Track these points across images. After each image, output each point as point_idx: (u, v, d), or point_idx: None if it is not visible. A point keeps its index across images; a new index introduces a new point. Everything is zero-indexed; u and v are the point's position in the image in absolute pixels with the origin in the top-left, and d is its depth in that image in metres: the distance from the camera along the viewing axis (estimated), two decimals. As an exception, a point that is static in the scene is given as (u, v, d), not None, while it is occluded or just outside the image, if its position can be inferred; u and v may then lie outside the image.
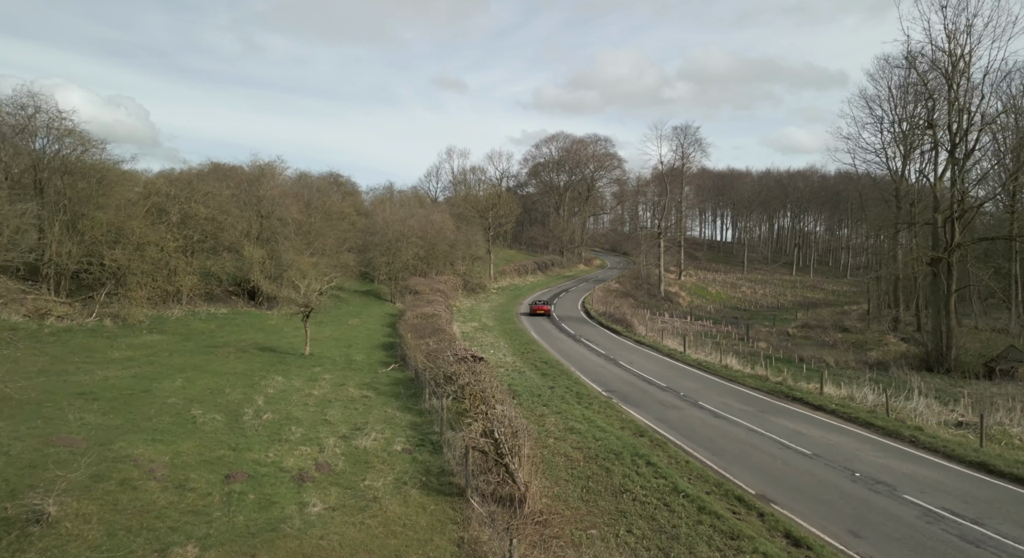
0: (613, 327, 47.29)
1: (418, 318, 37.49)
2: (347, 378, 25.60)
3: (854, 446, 18.77)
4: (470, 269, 72.22)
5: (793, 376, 34.91)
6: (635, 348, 38.71)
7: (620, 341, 41.62)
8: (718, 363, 32.59)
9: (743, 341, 53.69)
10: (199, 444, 16.32)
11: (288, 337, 33.90)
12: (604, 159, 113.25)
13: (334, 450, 16.77)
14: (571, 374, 29.55)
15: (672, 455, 17.59)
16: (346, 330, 38.48)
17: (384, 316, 45.31)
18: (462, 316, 52.26)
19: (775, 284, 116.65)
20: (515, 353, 35.48)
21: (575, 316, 55.51)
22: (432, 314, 38.25)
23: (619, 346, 39.30)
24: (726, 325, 68.32)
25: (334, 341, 34.52)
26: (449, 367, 22.34)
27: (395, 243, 52.14)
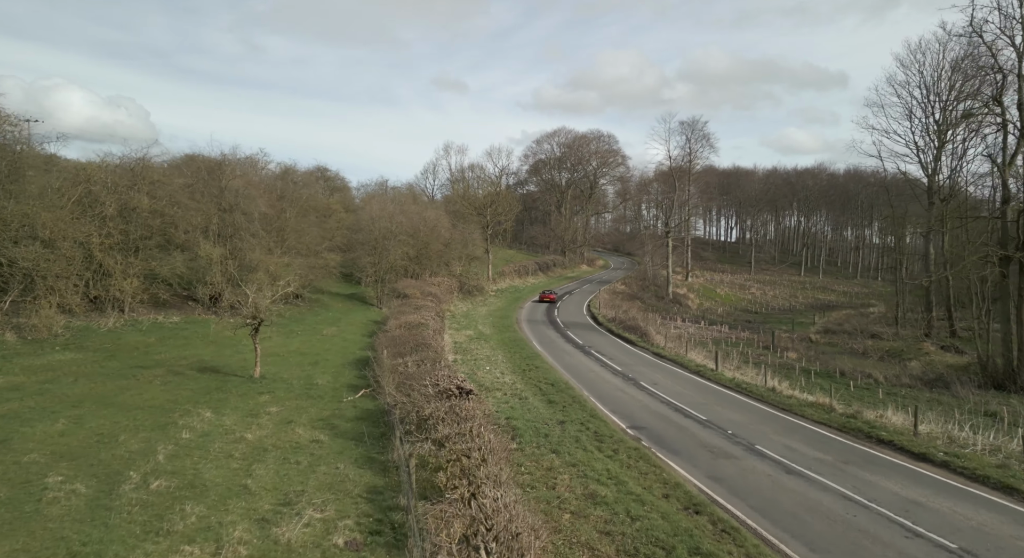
0: (626, 336, 41.20)
1: (401, 328, 31.44)
2: (299, 411, 19.53)
3: (1013, 532, 12.71)
4: (467, 270, 66.17)
5: (843, 396, 28.88)
6: (655, 363, 32.64)
7: (636, 354, 35.54)
8: (762, 385, 26.49)
9: (769, 350, 47.62)
10: (21, 547, 10.27)
11: (243, 352, 27.82)
12: (607, 156, 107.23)
13: (237, 552, 10.72)
14: (584, 401, 23.46)
15: (752, 556, 11.49)
16: (317, 342, 32.42)
17: (366, 324, 39.23)
18: (456, 322, 46.22)
19: (784, 285, 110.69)
20: (515, 370, 29.42)
21: (582, 322, 49.44)
22: (418, 323, 32.18)
23: (636, 360, 33.23)
24: (742, 330, 62.27)
25: (299, 357, 28.45)
26: (426, 404, 16.25)
27: (382, 241, 46.10)
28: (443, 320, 40.79)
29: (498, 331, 42.60)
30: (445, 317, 47.15)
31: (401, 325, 31.98)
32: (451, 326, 43.84)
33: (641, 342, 38.57)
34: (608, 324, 47.50)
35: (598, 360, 32.71)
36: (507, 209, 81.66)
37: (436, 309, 41.26)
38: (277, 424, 18.20)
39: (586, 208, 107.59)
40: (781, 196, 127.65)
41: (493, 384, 26.09)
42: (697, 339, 50.16)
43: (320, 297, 45.24)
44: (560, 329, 44.91)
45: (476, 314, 51.74)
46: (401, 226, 48.93)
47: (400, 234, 47.76)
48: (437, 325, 35.12)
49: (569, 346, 37.27)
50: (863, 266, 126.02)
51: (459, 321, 46.87)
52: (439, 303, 45.68)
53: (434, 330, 32.44)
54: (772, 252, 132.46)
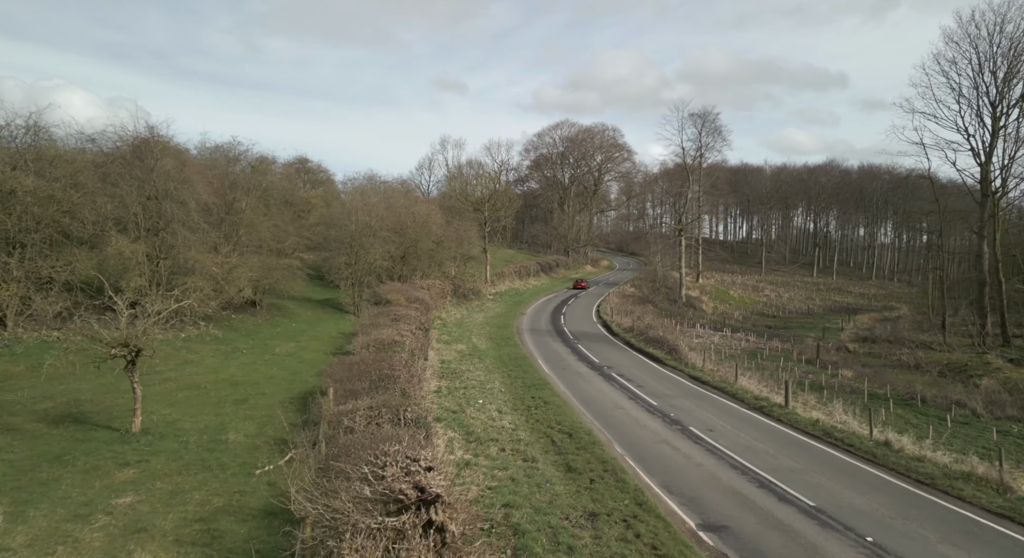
0: (649, 351, 33.31)
1: (368, 349, 23.60)
2: (174, 499, 11.76)
3: None
4: (462, 271, 58.34)
5: (954, 439, 21.08)
6: (699, 393, 24.74)
7: (669, 378, 27.65)
8: (861, 433, 18.56)
9: (814, 366, 39.74)
10: None
11: (152, 385, 19.90)
12: (612, 150, 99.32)
13: None
14: (620, 467, 15.53)
15: None
16: (262, 365, 24.57)
17: (335, 338, 31.40)
18: (448, 333, 38.40)
19: (798, 286, 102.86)
20: (517, 405, 21.58)
21: (593, 332, 41.56)
22: (391, 341, 24.32)
23: (672, 388, 25.34)
24: (770, 337, 54.45)
25: (226, 390, 20.62)
26: (352, 530, 8.35)
27: (359, 238, 38.22)
28: (429, 333, 32.94)
29: (496, 345, 34.77)
30: (434, 327, 39.33)
31: (369, 344, 24.13)
32: (440, 339, 36.02)
33: (670, 360, 30.68)
34: (624, 335, 39.63)
35: (624, 388, 24.83)
36: (506, 205, 73.81)
37: (421, 319, 33.43)
38: (115, 536, 10.39)
39: (590, 205, 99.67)
40: (792, 194, 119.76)
41: (486, 432, 18.26)
42: (726, 351, 42.32)
43: (285, 304, 37.38)
44: (569, 341, 37.06)
45: (471, 322, 43.89)
46: (383, 221, 41.05)
47: (382, 230, 39.88)
48: (418, 341, 27.24)
49: (583, 366, 29.41)
50: (877, 266, 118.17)
51: (451, 331, 39.02)
52: (426, 311, 37.84)
53: (412, 350, 24.57)
54: (783, 252, 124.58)
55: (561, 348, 34.57)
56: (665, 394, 23.83)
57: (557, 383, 25.40)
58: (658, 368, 29.43)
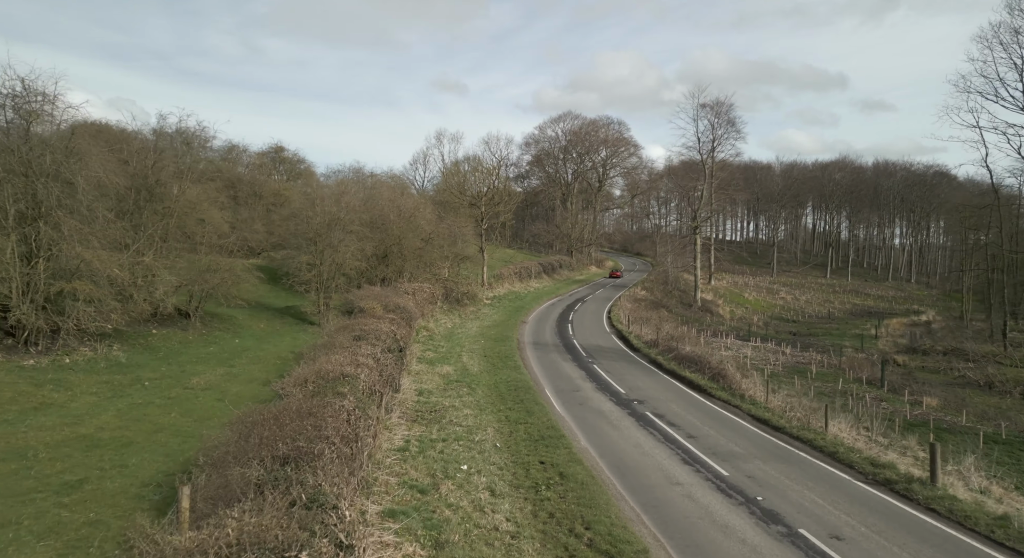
0: (687, 376, 25.56)
1: (304, 386, 15.95)
2: None
3: None
4: (455, 273, 50.73)
5: None
6: (776, 447, 16.99)
7: (722, 416, 19.93)
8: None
9: (878, 388, 32.08)
10: None
11: None
12: (618, 145, 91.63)
13: None
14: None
15: None
16: (156, 410, 16.90)
17: (284, 361, 23.69)
18: (433, 348, 30.78)
19: (813, 288, 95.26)
20: (518, 480, 13.92)
21: (609, 346, 33.91)
22: (340, 375, 16.59)
23: (736, 438, 17.62)
24: (804, 348, 46.82)
25: (78, 455, 13.00)
26: None
27: (325, 233, 30.51)
28: (406, 353, 25.22)
29: (492, 365, 27.10)
30: (417, 341, 31.66)
31: (307, 379, 16.43)
32: (423, 357, 28.37)
33: (718, 390, 22.96)
34: (648, 350, 31.97)
35: (670, 441, 17.13)
36: (505, 200, 66.12)
37: (398, 334, 25.78)
38: None
39: (594, 203, 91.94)
40: (804, 192, 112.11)
41: (468, 540, 10.64)
42: (767, 368, 34.66)
43: (233, 314, 29.70)
44: (582, 359, 29.40)
45: (464, 333, 36.25)
46: (357, 213, 33.36)
47: (355, 224, 32.17)
48: (385, 370, 19.55)
49: (606, 399, 21.72)
50: (892, 267, 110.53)
51: (437, 346, 31.38)
52: (407, 322, 30.20)
53: (370, 388, 16.90)
54: (794, 252, 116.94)
55: (573, 370, 26.90)
56: (732, 452, 16.12)
57: (575, 431, 17.72)
58: (705, 403, 21.70)
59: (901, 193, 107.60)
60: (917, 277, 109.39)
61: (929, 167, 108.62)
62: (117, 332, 22.94)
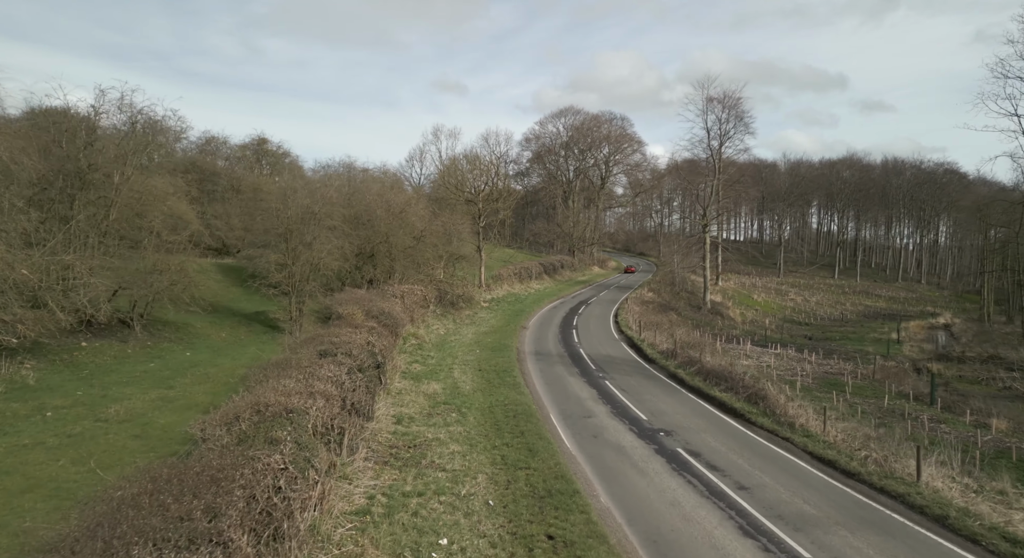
0: (717, 396, 21.32)
1: (237, 425, 11.72)
2: None
3: None
4: (450, 274, 46.58)
5: None
6: (861, 505, 12.77)
7: (775, 455, 15.72)
8: None
9: (928, 406, 27.86)
10: None
11: None
12: (621, 141, 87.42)
13: None
14: None
15: None
16: (44, 455, 12.73)
17: (238, 378, 19.51)
18: (421, 360, 26.63)
19: (822, 289, 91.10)
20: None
21: (620, 357, 29.72)
22: (282, 411, 12.33)
23: (801, 489, 13.42)
24: (828, 355, 42.67)
25: None
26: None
27: (297, 228, 26.31)
28: (384, 371, 20.99)
29: (487, 382, 22.91)
30: (404, 352, 27.51)
31: (241, 416, 12.18)
32: (408, 371, 24.22)
33: (759, 416, 18.72)
34: (664, 362, 27.77)
35: (717, 495, 12.94)
36: (504, 197, 61.93)
37: (378, 345, 21.62)
38: None
39: (597, 201, 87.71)
40: (811, 190, 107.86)
41: None
42: (797, 381, 30.46)
43: (190, 322, 25.52)
44: (591, 374, 25.21)
45: (457, 342, 32.09)
46: (335, 206, 29.18)
47: (332, 218, 27.98)
48: (354, 400, 15.37)
49: (625, 430, 17.50)
50: (902, 267, 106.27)
51: (426, 358, 27.21)
52: (391, 331, 26.08)
53: (330, 420, 12.75)
54: (801, 252, 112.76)
55: (582, 387, 22.71)
56: (803, 515, 11.92)
57: (591, 480, 13.52)
58: (747, 433, 17.48)
59: (911, 191, 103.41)
60: (927, 277, 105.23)
61: (940, 164, 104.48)
62: (37, 345, 18.80)
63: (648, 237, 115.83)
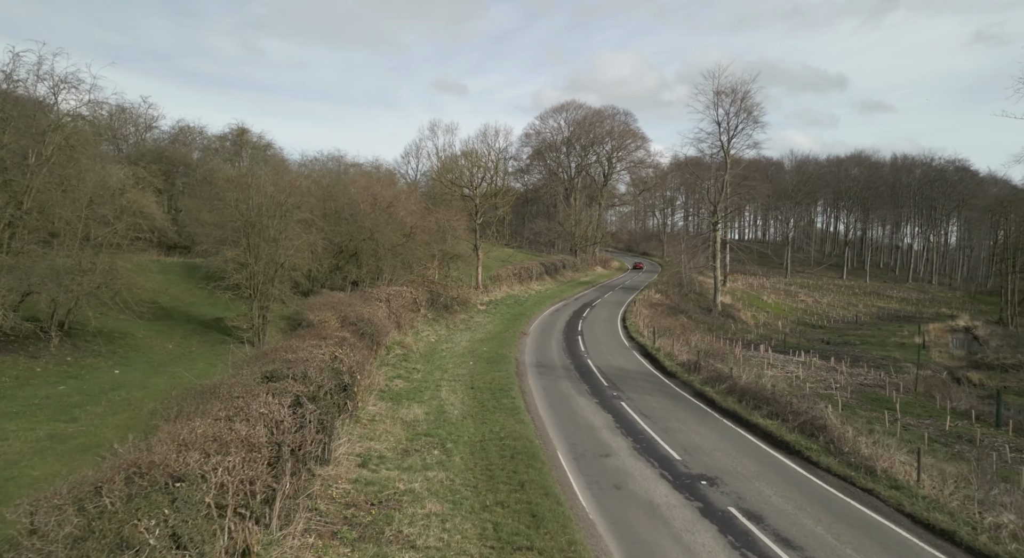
0: (754, 421, 17.24)
1: (79, 512, 7.62)
2: None
3: None
4: (444, 275, 42.49)
5: None
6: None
7: (850, 510, 11.70)
8: None
9: (998, 429, 23.75)
10: None
11: None
12: (624, 137, 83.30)
13: None
14: None
15: None
16: None
17: (148, 413, 15.39)
18: (404, 375, 22.57)
19: (831, 290, 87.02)
20: None
21: (634, 369, 25.59)
22: (181, 477, 8.24)
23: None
24: (854, 362, 38.58)
25: None
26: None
27: (259, 222, 22.20)
28: (353, 395, 16.85)
29: (480, 405, 18.79)
30: (382, 367, 23.43)
31: (103, 486, 8.10)
32: (387, 390, 20.16)
33: (824, 456, 14.57)
34: (688, 377, 23.65)
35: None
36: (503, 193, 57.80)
37: (344, 364, 17.50)
38: None
39: (599, 199, 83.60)
40: (819, 188, 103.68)
41: None
42: (833, 392, 26.34)
43: (134, 330, 21.40)
44: (605, 394, 21.09)
45: (449, 351, 28.02)
46: (307, 197, 25.10)
47: (299, 210, 23.87)
48: (295, 444, 11.28)
49: (659, 480, 13.36)
50: (911, 268, 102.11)
51: (411, 371, 23.13)
52: (368, 341, 22.02)
53: (244, 483, 8.64)
54: (808, 252, 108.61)
55: (594, 412, 18.59)
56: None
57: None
58: (815, 482, 13.33)
59: (921, 189, 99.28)
60: (939, 278, 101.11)
61: (951, 161, 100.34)
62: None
63: (651, 236, 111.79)
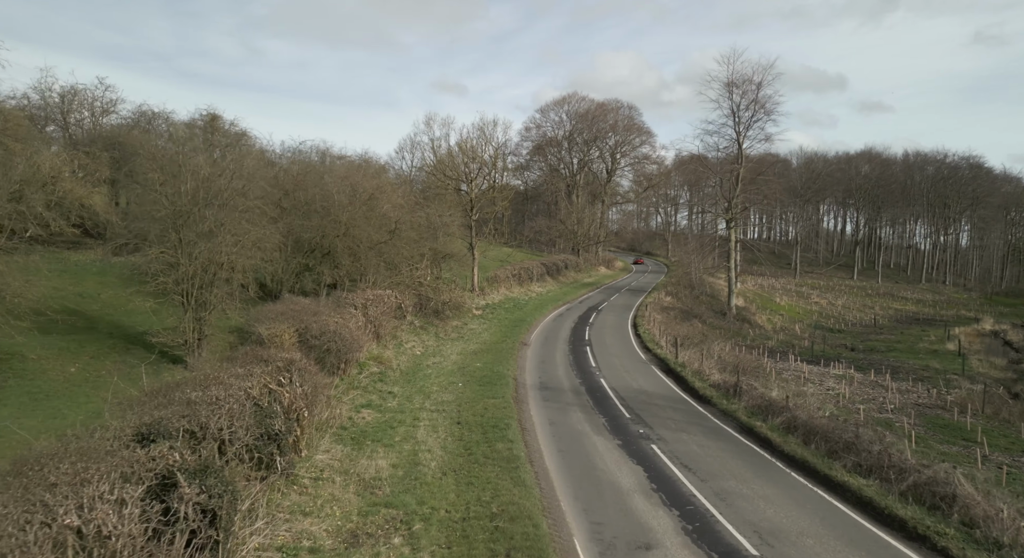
0: (842, 481, 12.40)
1: None
2: None
3: None
4: (436, 275, 37.66)
5: None
6: None
7: None
8: None
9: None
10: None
11: None
12: (629, 132, 78.41)
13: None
14: None
15: None
16: None
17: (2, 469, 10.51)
18: (377, 402, 17.75)
19: (844, 291, 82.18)
20: None
21: (658, 390, 20.68)
22: None
23: None
24: (897, 373, 33.72)
25: None
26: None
27: (192, 213, 17.33)
28: (278, 468, 11.96)
29: (466, 453, 13.90)
30: (352, 390, 18.58)
31: None
32: (346, 429, 15.32)
33: (967, 547, 9.81)
34: (728, 405, 18.78)
35: None
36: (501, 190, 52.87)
37: (268, 407, 12.70)
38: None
39: (603, 196, 78.68)
40: (827, 186, 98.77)
41: None
42: (890, 416, 21.47)
43: (23, 348, 16.48)
44: (629, 433, 16.22)
45: (435, 368, 23.16)
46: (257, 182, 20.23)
47: (244, 197, 18.99)
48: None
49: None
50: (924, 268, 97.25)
51: (384, 397, 18.30)
52: (338, 362, 17.22)
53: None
54: (816, 252, 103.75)
55: (620, 463, 13.71)
56: None
57: None
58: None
59: (935, 187, 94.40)
60: (953, 278, 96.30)
61: (964, 158, 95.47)
62: None
63: (655, 236, 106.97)
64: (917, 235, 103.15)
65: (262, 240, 18.86)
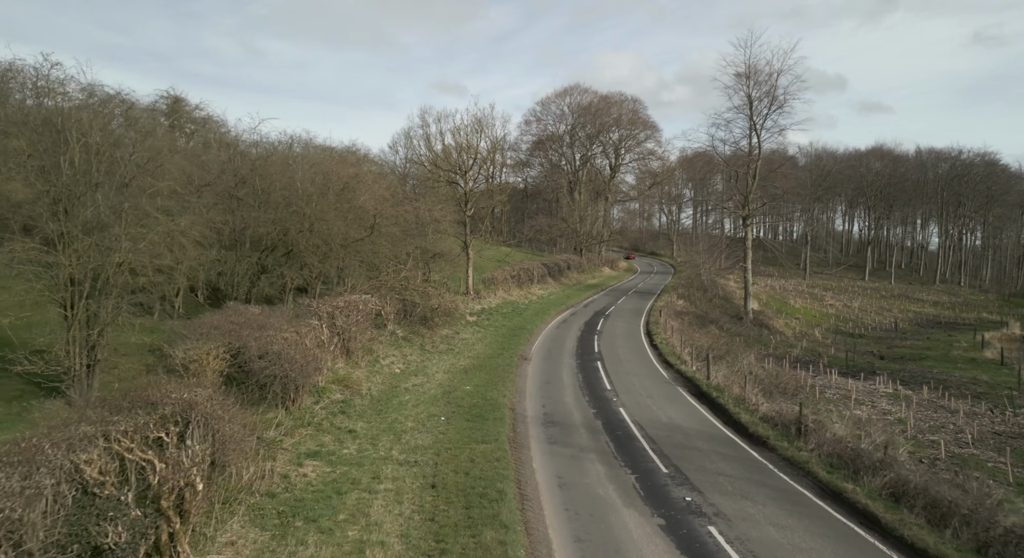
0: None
1: None
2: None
3: None
4: (425, 277, 32.94)
5: None
6: None
7: None
8: None
9: None
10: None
11: None
12: (634, 126, 73.67)
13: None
14: None
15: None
16: None
17: None
18: (332, 444, 12.89)
19: (858, 293, 77.45)
20: None
21: (694, 426, 15.89)
22: None
23: None
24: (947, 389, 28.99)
25: None
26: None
27: (83, 197, 12.62)
28: None
29: (437, 544, 9.16)
30: (297, 430, 13.77)
31: None
32: (273, 501, 10.35)
33: None
34: (792, 451, 14.03)
35: None
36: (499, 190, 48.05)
37: (122, 484, 7.88)
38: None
39: (607, 193, 73.90)
40: (837, 184, 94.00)
41: None
42: (973, 450, 16.74)
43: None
44: (672, 503, 11.50)
45: (414, 393, 18.40)
46: (167, 157, 15.52)
47: (151, 176, 14.26)
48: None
49: None
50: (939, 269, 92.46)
51: (342, 441, 13.48)
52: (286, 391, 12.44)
53: None
54: (826, 252, 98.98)
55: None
56: None
57: None
58: None
59: (950, 185, 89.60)
60: (970, 279, 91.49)
61: (979, 154, 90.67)
62: None
63: (659, 235, 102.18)
64: (931, 234, 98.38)
65: (170, 234, 14.04)
